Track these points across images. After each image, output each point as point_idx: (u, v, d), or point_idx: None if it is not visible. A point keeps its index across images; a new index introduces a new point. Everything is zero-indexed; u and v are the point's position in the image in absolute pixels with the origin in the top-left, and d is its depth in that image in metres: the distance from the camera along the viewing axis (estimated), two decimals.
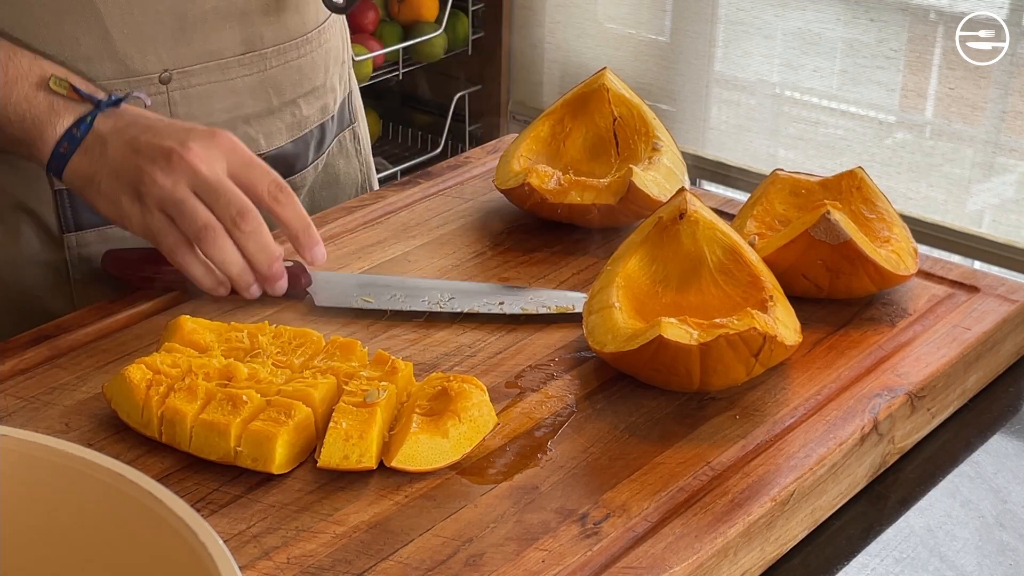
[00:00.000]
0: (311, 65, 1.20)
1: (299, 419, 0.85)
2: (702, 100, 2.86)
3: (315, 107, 1.22)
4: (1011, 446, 0.97)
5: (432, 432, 0.85)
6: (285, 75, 1.18)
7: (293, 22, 1.17)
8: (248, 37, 1.14)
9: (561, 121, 1.20)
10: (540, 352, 0.98)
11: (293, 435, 0.84)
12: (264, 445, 0.83)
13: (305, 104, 1.21)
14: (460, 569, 0.77)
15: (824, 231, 1.00)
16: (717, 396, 0.93)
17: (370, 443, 0.83)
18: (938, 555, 0.86)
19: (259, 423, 0.84)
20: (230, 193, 0.96)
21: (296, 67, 1.19)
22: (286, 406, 0.85)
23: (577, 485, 0.84)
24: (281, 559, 0.77)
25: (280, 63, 1.17)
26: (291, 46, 1.18)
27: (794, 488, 0.84)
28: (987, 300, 1.05)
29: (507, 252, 1.13)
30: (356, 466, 0.83)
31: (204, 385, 0.87)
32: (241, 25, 1.13)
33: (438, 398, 0.88)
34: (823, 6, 2.64)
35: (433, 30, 2.96)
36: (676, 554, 0.78)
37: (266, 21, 1.14)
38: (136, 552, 0.61)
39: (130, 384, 0.87)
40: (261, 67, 1.15)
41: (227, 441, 0.84)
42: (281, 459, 0.84)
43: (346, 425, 0.84)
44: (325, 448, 0.83)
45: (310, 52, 1.20)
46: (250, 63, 1.15)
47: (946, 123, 2.55)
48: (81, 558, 0.63)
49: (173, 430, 0.85)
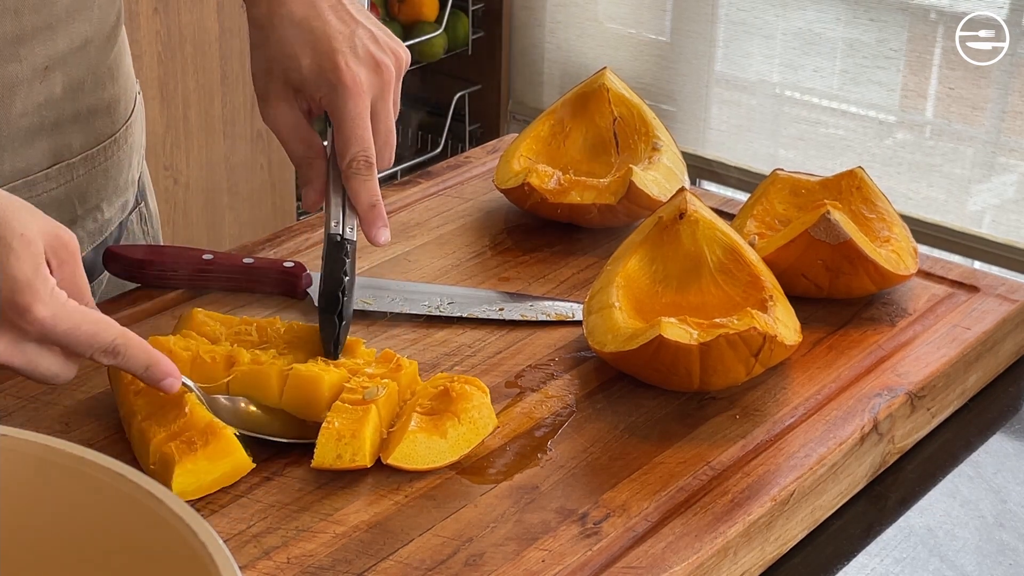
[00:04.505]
0: (117, 167, 1.11)
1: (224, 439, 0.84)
2: (702, 100, 2.86)
3: (116, 206, 1.12)
4: (1011, 446, 0.97)
5: (430, 432, 0.85)
6: (91, 181, 1.08)
7: (103, 124, 1.08)
8: (56, 148, 1.04)
9: (561, 121, 1.20)
10: (540, 352, 0.98)
11: (205, 460, 0.83)
12: (163, 472, 0.82)
13: (107, 207, 1.11)
14: (460, 569, 0.77)
15: (824, 231, 1.00)
16: (717, 396, 0.93)
17: (363, 442, 0.83)
18: (938, 555, 0.86)
19: (166, 447, 0.83)
20: (82, 344, 0.84)
21: (103, 171, 1.09)
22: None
23: (577, 485, 0.84)
24: (281, 559, 0.77)
25: (87, 170, 1.07)
26: (99, 151, 1.08)
27: (794, 488, 0.84)
28: (987, 300, 1.05)
29: (507, 252, 1.13)
30: (349, 465, 0.83)
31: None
32: (51, 137, 1.03)
33: (439, 398, 0.88)
34: (823, 6, 2.64)
35: (433, 30, 2.96)
36: (676, 554, 0.78)
37: (76, 128, 1.05)
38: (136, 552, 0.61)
39: (117, 371, 0.89)
40: (68, 177, 1.05)
41: (148, 455, 0.83)
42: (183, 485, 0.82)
43: (338, 424, 0.84)
44: (318, 449, 0.83)
45: (116, 152, 1.11)
46: (57, 175, 1.04)
47: (946, 123, 2.55)
48: (81, 558, 0.63)
49: (130, 429, 0.87)
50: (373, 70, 0.97)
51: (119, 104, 1.10)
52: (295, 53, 0.97)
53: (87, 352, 0.83)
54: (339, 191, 0.98)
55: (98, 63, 1.06)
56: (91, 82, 1.06)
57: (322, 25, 0.98)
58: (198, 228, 2.47)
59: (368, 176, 0.96)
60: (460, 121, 3.12)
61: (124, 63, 1.12)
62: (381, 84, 0.98)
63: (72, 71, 1.03)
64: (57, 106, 1.03)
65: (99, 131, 1.08)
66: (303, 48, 0.97)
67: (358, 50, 0.97)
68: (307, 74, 0.97)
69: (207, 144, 2.45)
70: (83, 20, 1.03)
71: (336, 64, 0.96)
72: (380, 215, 0.97)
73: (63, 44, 1.01)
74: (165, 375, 0.85)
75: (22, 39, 0.98)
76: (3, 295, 0.81)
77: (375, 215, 0.97)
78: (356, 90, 0.96)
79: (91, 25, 1.04)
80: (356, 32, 0.98)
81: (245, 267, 1.05)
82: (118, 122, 1.11)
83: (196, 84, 2.40)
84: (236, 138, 2.49)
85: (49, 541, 0.63)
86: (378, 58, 0.98)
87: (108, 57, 1.08)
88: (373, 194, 0.97)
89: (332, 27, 0.98)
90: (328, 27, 0.98)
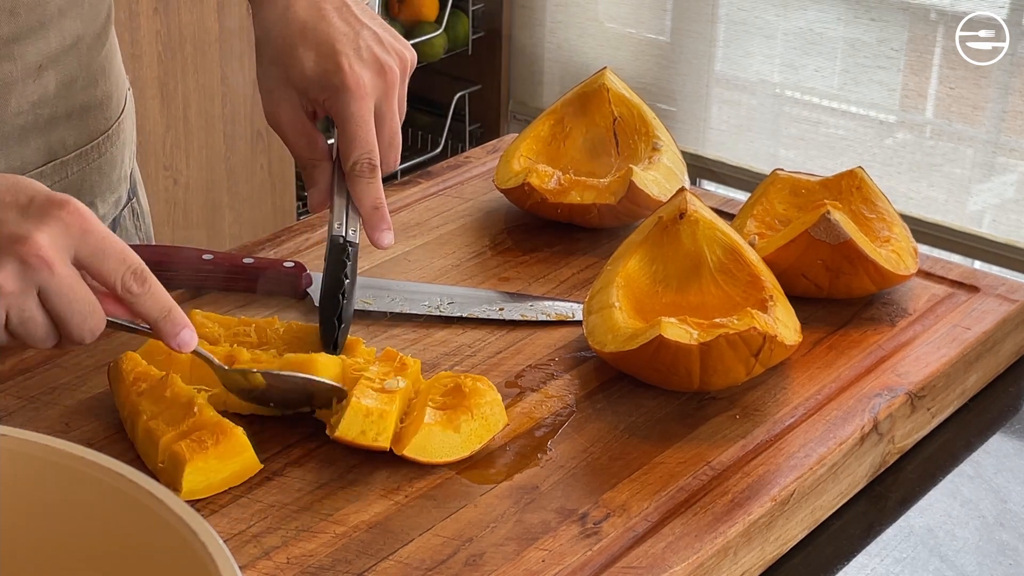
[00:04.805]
0: (110, 163, 1.12)
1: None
2: (702, 100, 2.86)
3: (109, 203, 1.13)
4: (1011, 446, 0.97)
5: (445, 425, 0.85)
6: (85, 178, 1.08)
7: (96, 121, 1.08)
8: (50, 146, 1.04)
9: (561, 121, 1.20)
10: (540, 352, 0.98)
11: (215, 459, 0.83)
12: (172, 471, 0.82)
13: (101, 203, 1.12)
14: (460, 569, 0.77)
15: (824, 231, 1.00)
16: (717, 396, 0.93)
17: (389, 423, 0.83)
18: (938, 555, 0.86)
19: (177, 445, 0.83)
20: (79, 312, 0.82)
21: (96, 167, 1.10)
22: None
23: (577, 485, 0.84)
24: (281, 559, 0.77)
25: (81, 167, 1.08)
26: (92, 147, 1.08)
27: (794, 488, 0.84)
28: (987, 300, 1.05)
29: (507, 252, 1.13)
30: (371, 443, 0.83)
31: (180, 389, 0.87)
32: (45, 135, 1.04)
33: (451, 393, 0.88)
34: (824, 6, 2.64)
35: (433, 30, 2.96)
36: (676, 554, 0.78)
37: (69, 125, 1.05)
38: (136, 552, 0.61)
39: (119, 371, 0.89)
40: (62, 175, 1.06)
41: (156, 454, 0.83)
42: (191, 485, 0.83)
43: (368, 403, 0.84)
44: (344, 420, 0.83)
45: (109, 148, 1.11)
46: (51, 173, 1.05)
47: (946, 123, 2.55)
48: (81, 558, 0.63)
49: (134, 429, 0.87)
50: (377, 72, 0.97)
51: (111, 100, 1.11)
52: (299, 55, 0.97)
53: (118, 270, 0.81)
54: (343, 193, 0.98)
55: (90, 60, 1.06)
56: (83, 79, 1.06)
57: (326, 27, 0.98)
58: (198, 228, 2.47)
59: (372, 179, 0.96)
60: (460, 121, 3.12)
61: (115, 59, 1.13)
62: (385, 86, 0.98)
63: (65, 69, 1.03)
64: (51, 104, 1.03)
65: (92, 128, 1.08)
66: (307, 50, 0.97)
67: (362, 52, 0.97)
68: (311, 76, 0.97)
69: (207, 144, 2.45)
70: (74, 17, 1.03)
71: (340, 66, 0.96)
72: (384, 218, 0.97)
73: (55, 42, 1.02)
74: (182, 325, 0.83)
75: (17, 38, 0.98)
76: (32, 212, 0.80)
77: (379, 217, 0.97)
78: (359, 92, 0.96)
79: (82, 22, 1.04)
80: (360, 34, 0.98)
81: (245, 267, 1.05)
82: (111, 118, 1.11)
83: (196, 84, 2.40)
84: (236, 138, 2.49)
85: (49, 541, 0.64)
86: (382, 60, 0.98)
87: (100, 54, 1.08)
88: (377, 197, 0.97)
89: (336, 29, 0.98)
90: (332, 29, 0.98)
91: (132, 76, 2.23)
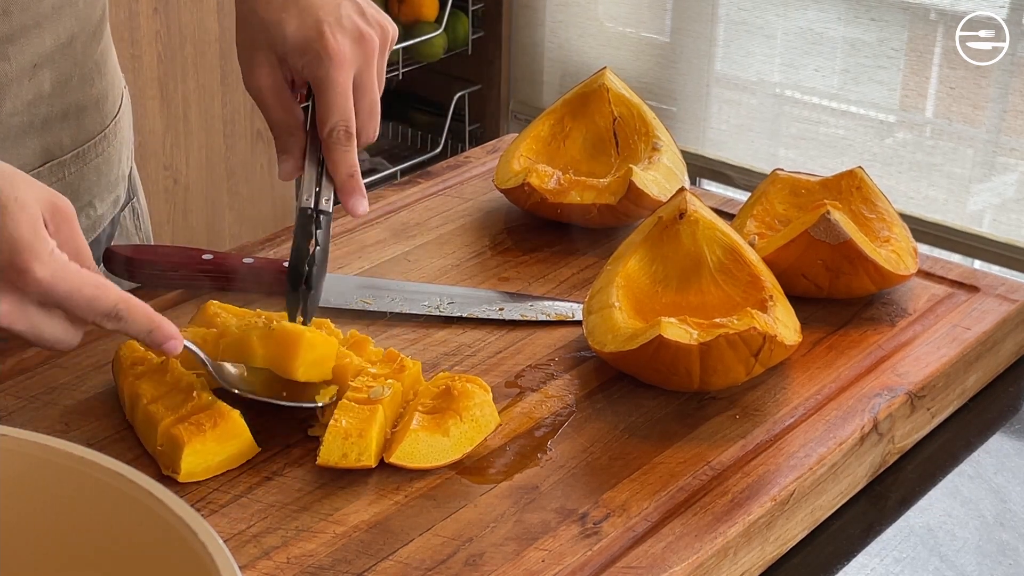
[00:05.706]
0: (107, 162, 1.11)
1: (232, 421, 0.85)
2: (702, 100, 2.86)
3: (108, 202, 1.13)
4: (1011, 446, 0.97)
5: (432, 430, 0.85)
6: (82, 178, 1.08)
7: (92, 121, 1.08)
8: (47, 147, 1.04)
9: (561, 121, 1.20)
10: (540, 352, 0.98)
11: (213, 441, 0.84)
12: (171, 454, 0.84)
13: (100, 203, 1.12)
14: (460, 569, 0.77)
15: (824, 231, 1.00)
16: (717, 396, 0.93)
17: (369, 441, 0.83)
18: (938, 555, 0.86)
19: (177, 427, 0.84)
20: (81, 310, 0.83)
21: (94, 167, 1.10)
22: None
23: (577, 485, 0.84)
24: (281, 559, 0.77)
25: (78, 167, 1.08)
26: (89, 147, 1.08)
27: (794, 488, 0.84)
28: (987, 300, 1.05)
29: (507, 252, 1.13)
30: (355, 464, 0.83)
31: (180, 374, 0.88)
32: (41, 135, 1.03)
33: (441, 397, 0.88)
34: (824, 6, 2.64)
35: (433, 30, 2.96)
36: (676, 554, 0.78)
37: (65, 126, 1.05)
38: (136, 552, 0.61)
39: (118, 357, 0.91)
40: (60, 175, 1.06)
41: (155, 437, 0.85)
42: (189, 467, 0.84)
43: (346, 423, 0.84)
44: (324, 446, 0.83)
45: (106, 147, 1.11)
46: (48, 173, 1.04)
47: (946, 123, 2.55)
48: (81, 558, 0.63)
49: (133, 412, 0.88)
50: (357, 41, 0.97)
51: (107, 99, 1.11)
52: (280, 20, 0.97)
53: (89, 317, 0.83)
54: (315, 163, 0.98)
55: (85, 59, 1.07)
56: (79, 78, 1.06)
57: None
58: (198, 228, 2.47)
59: (348, 146, 0.97)
60: (460, 121, 3.12)
61: (111, 58, 1.13)
62: (365, 55, 0.98)
63: (60, 68, 1.03)
64: (46, 103, 1.03)
65: (89, 127, 1.08)
66: (289, 17, 0.97)
67: (343, 21, 0.97)
68: (291, 42, 0.97)
69: (207, 144, 2.45)
70: (69, 16, 1.03)
71: (321, 33, 0.96)
72: (358, 185, 0.98)
73: (50, 41, 1.02)
74: (167, 338, 0.84)
75: (12, 38, 0.98)
76: (3, 257, 0.80)
77: (353, 185, 0.97)
78: (339, 60, 0.96)
79: (77, 21, 1.04)
80: (343, 4, 0.98)
81: (245, 267, 1.05)
82: (107, 117, 1.11)
83: (196, 84, 2.40)
84: (236, 138, 2.49)
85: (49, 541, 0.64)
86: (363, 30, 0.98)
87: (95, 52, 1.08)
88: (352, 164, 0.97)
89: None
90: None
91: (132, 76, 2.24)
